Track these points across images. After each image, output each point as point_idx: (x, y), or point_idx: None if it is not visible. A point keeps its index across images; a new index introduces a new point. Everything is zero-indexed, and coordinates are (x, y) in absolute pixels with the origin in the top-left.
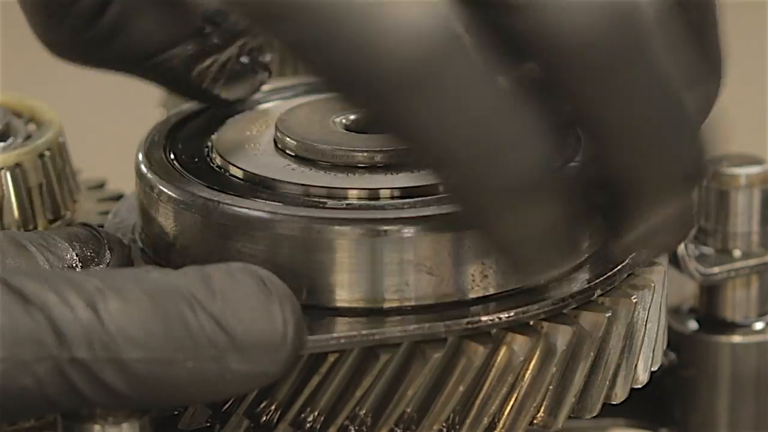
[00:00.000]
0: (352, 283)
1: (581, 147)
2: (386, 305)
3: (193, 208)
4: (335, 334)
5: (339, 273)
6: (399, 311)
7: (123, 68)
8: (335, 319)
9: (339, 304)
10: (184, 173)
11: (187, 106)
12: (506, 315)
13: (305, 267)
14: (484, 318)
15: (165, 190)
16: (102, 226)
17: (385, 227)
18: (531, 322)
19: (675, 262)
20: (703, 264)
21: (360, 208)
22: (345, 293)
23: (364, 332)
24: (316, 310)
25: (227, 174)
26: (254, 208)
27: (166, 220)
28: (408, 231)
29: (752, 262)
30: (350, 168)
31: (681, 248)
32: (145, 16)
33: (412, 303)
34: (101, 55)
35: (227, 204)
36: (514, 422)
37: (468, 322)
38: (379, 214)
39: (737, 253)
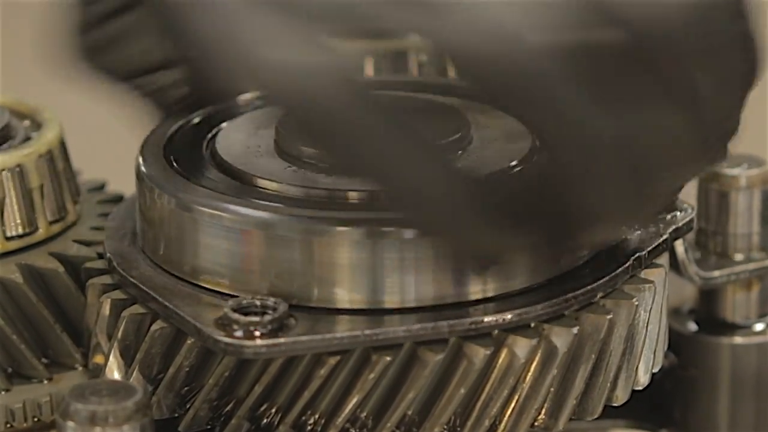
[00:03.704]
0: (353, 284)
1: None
2: (388, 306)
3: (192, 210)
4: (338, 334)
5: (341, 274)
6: (401, 312)
7: (111, 77)
8: (337, 319)
9: (341, 305)
10: (184, 175)
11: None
12: (509, 316)
13: (307, 268)
14: (486, 319)
15: (165, 192)
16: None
17: (386, 228)
18: (532, 324)
19: (675, 266)
20: (703, 268)
21: (361, 209)
22: (347, 294)
23: (366, 332)
24: (318, 310)
25: (228, 176)
26: (255, 210)
27: (166, 222)
28: (409, 232)
29: (752, 266)
30: None
31: (681, 252)
32: (148, 33)
33: (414, 304)
34: (97, 60)
35: (227, 206)
36: (515, 425)
37: (471, 323)
38: (380, 216)
39: (738, 256)
